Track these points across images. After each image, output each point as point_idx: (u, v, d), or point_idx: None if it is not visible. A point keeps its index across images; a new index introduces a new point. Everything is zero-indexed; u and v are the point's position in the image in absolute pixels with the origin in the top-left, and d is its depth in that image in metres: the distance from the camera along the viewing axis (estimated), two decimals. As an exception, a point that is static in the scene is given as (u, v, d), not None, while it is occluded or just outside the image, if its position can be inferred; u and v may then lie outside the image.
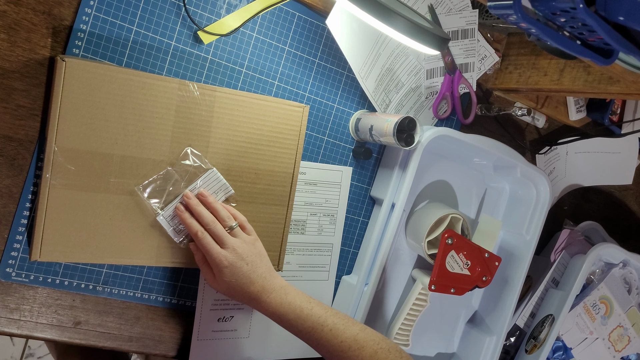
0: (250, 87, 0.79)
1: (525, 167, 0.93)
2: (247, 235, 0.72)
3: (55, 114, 0.64)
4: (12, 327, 0.69)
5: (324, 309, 0.71)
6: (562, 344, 1.03)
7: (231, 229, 0.71)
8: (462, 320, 1.01)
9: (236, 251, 0.69)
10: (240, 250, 0.69)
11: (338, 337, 0.68)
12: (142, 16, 0.71)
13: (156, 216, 0.70)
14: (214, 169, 0.73)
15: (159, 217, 0.71)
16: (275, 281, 0.72)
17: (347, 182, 0.87)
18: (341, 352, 0.68)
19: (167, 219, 0.71)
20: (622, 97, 0.83)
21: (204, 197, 0.72)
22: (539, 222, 0.95)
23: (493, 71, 0.96)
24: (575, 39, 0.61)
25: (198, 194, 0.72)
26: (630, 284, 1.09)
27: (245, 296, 0.70)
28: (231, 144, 0.74)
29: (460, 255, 0.85)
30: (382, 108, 0.88)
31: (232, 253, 0.69)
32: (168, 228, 0.71)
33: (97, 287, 0.73)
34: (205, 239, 0.69)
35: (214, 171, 0.73)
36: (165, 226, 0.71)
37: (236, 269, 0.69)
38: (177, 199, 0.72)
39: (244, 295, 0.70)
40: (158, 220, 0.71)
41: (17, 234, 0.68)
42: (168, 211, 0.71)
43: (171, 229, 0.71)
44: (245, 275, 0.69)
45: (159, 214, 0.70)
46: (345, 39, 0.80)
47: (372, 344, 0.69)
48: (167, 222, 0.71)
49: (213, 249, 0.68)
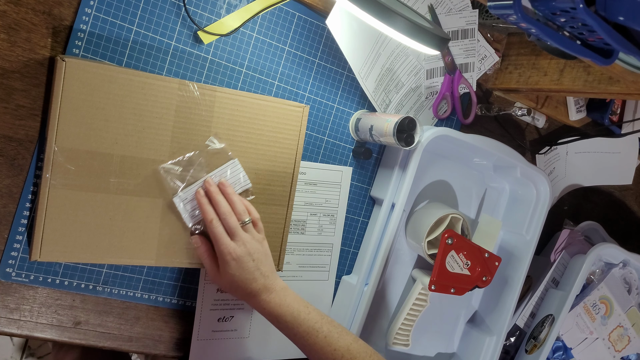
0: (250, 87, 0.79)
1: (525, 167, 0.93)
2: (257, 233, 0.73)
3: (55, 114, 0.64)
4: (12, 327, 0.69)
5: (321, 315, 0.71)
6: (562, 344, 1.03)
7: (244, 224, 0.71)
8: (462, 320, 1.01)
9: (245, 246, 0.70)
10: (250, 245, 0.70)
11: (332, 345, 0.69)
12: (142, 16, 0.71)
13: (173, 197, 0.71)
14: (235, 160, 0.74)
15: (175, 198, 0.71)
16: (277, 282, 0.72)
17: (347, 182, 0.87)
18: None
19: (183, 201, 0.71)
20: (622, 97, 0.83)
21: (224, 187, 0.72)
22: (539, 222, 0.95)
23: (493, 71, 0.96)
24: (575, 39, 0.61)
25: (218, 183, 0.72)
26: (630, 284, 1.09)
27: (246, 292, 0.70)
28: (231, 144, 0.74)
29: (460, 255, 0.85)
30: (382, 108, 0.88)
31: (242, 247, 0.69)
32: (182, 210, 0.71)
33: (97, 287, 0.73)
34: (218, 228, 0.69)
35: (235, 162, 0.73)
36: (180, 208, 0.71)
37: (243, 263, 0.69)
38: (196, 183, 0.72)
39: (245, 292, 0.70)
40: (174, 201, 0.71)
41: (17, 234, 0.68)
42: (186, 193, 0.71)
43: (186, 212, 0.72)
44: (249, 271, 0.69)
45: (176, 195, 0.71)
46: (345, 39, 0.80)
47: (365, 356, 0.69)
48: (183, 204, 0.71)
49: (224, 239, 0.69)
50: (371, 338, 0.92)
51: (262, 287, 0.70)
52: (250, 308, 0.82)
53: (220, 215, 0.70)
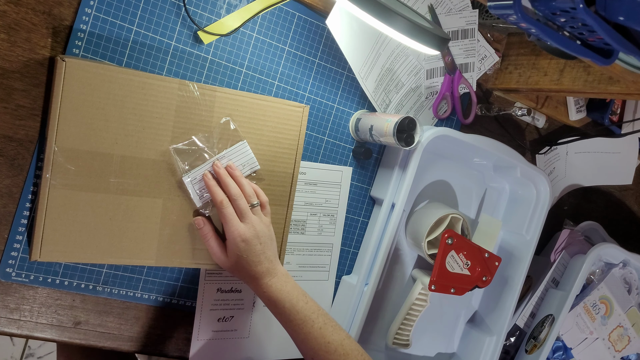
0: (250, 87, 0.79)
1: (525, 167, 0.93)
2: (265, 217, 0.73)
3: (55, 114, 0.64)
4: (12, 327, 0.69)
5: (317, 307, 0.72)
6: (562, 344, 1.03)
7: (252, 206, 0.72)
8: (462, 320, 1.01)
9: (255, 228, 0.70)
10: (258, 228, 0.70)
11: (326, 337, 0.69)
12: (142, 16, 0.71)
13: (182, 177, 0.71)
14: (244, 141, 0.74)
15: (185, 178, 0.71)
16: (280, 267, 0.73)
17: (347, 182, 0.87)
18: (326, 354, 0.68)
19: (192, 180, 0.71)
20: (622, 97, 0.83)
21: (232, 169, 0.72)
22: (539, 222, 0.95)
23: (493, 71, 0.96)
24: (575, 39, 0.61)
25: (226, 166, 0.73)
26: (630, 284, 1.09)
27: (250, 274, 0.70)
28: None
29: (460, 255, 0.85)
30: (382, 108, 0.88)
31: (251, 229, 0.70)
32: (191, 190, 0.72)
33: (97, 287, 0.73)
34: (229, 209, 0.70)
35: (244, 143, 0.74)
36: (189, 188, 0.71)
37: (251, 245, 0.69)
38: (205, 165, 0.72)
39: (249, 274, 0.70)
40: (183, 180, 0.71)
41: (17, 234, 0.68)
42: (195, 173, 0.71)
43: (194, 192, 0.72)
44: (256, 254, 0.70)
45: (185, 175, 0.71)
46: (345, 39, 0.80)
47: (357, 354, 0.70)
48: (192, 184, 0.71)
49: (234, 220, 0.69)
50: (371, 338, 0.92)
51: (265, 270, 0.71)
52: (250, 308, 0.82)
53: (231, 197, 0.70)
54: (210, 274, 0.79)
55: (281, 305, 0.70)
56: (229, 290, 0.80)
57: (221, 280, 0.80)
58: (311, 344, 0.69)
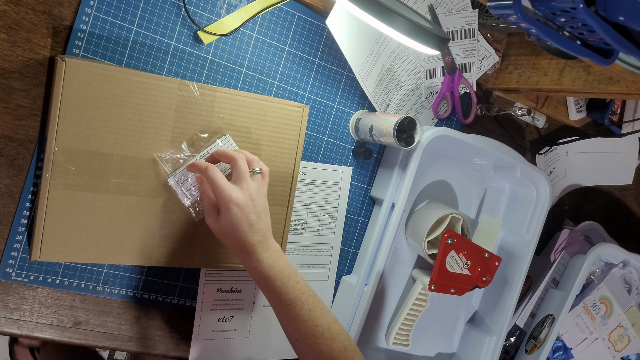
0: (250, 87, 0.79)
1: (525, 167, 0.93)
2: (262, 187, 0.69)
3: (55, 114, 0.64)
4: (12, 327, 0.69)
5: (308, 287, 0.69)
6: (562, 344, 1.03)
7: (254, 172, 0.69)
8: (462, 320, 1.01)
9: (251, 195, 0.66)
10: (255, 196, 0.67)
11: (314, 320, 0.67)
12: (142, 16, 0.71)
13: (167, 179, 0.70)
14: (227, 135, 0.73)
15: (170, 180, 0.71)
16: (273, 242, 0.69)
17: (347, 182, 0.87)
18: (313, 337, 0.66)
19: (178, 182, 0.71)
20: (622, 97, 0.83)
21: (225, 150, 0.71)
22: (539, 222, 0.95)
23: (493, 71, 0.96)
24: (575, 39, 0.61)
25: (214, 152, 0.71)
26: (630, 284, 1.09)
27: (241, 244, 0.67)
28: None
29: (460, 255, 0.85)
30: (382, 108, 0.88)
31: (247, 195, 0.66)
32: (178, 190, 0.71)
33: (97, 287, 0.73)
34: (215, 172, 0.66)
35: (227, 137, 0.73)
36: (176, 189, 0.71)
37: (245, 213, 0.65)
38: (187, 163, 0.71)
39: (240, 243, 0.67)
40: (169, 182, 0.71)
41: (17, 234, 0.68)
42: (179, 174, 0.71)
43: (182, 192, 0.71)
44: (249, 223, 0.66)
45: (170, 177, 0.71)
46: (345, 39, 0.80)
47: (343, 339, 0.67)
48: (179, 185, 0.71)
49: (224, 184, 0.65)
50: (371, 338, 0.92)
51: (257, 242, 0.67)
52: (250, 308, 0.82)
53: (232, 160, 0.68)
54: (210, 274, 0.79)
55: (272, 283, 0.67)
56: (229, 290, 0.80)
57: (221, 280, 0.80)
58: (298, 326, 0.67)
